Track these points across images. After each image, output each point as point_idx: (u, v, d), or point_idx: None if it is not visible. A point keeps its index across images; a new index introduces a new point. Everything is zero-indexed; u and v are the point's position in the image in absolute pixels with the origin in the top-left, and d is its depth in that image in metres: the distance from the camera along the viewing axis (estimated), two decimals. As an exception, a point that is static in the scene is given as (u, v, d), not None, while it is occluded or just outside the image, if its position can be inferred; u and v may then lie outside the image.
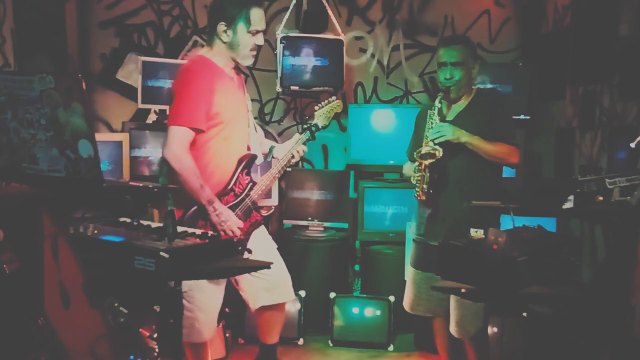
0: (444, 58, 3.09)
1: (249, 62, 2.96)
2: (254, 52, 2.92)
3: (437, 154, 2.97)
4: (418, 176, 3.04)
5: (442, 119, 3.11)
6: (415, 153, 3.07)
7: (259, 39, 2.89)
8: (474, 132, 3.03)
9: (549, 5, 4.62)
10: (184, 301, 2.79)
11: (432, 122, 3.08)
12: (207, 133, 2.81)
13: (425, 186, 3.02)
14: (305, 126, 3.20)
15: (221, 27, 2.84)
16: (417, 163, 3.05)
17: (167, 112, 2.95)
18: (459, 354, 3.23)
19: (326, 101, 3.25)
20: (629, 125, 3.47)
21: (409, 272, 3.29)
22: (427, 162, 3.00)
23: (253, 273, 2.96)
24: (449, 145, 3.01)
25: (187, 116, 2.75)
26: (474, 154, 3.02)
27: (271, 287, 3.03)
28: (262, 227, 3.08)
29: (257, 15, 2.85)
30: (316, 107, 3.23)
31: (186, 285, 2.61)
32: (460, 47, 3.10)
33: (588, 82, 3.96)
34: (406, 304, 3.32)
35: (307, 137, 3.15)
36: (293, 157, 3.10)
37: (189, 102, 2.76)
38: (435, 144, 2.99)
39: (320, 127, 3.20)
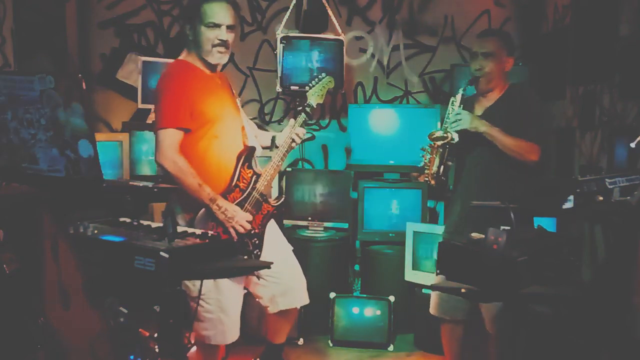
0: (476, 48, 3.12)
1: (216, 59, 2.88)
2: (221, 49, 2.86)
3: (449, 137, 2.98)
4: (428, 159, 3.05)
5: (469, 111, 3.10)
6: (428, 136, 3.07)
7: (222, 34, 2.84)
8: (500, 127, 3.00)
9: (549, 5, 4.62)
10: (204, 304, 2.79)
11: (452, 109, 3.08)
12: (195, 134, 2.81)
13: (435, 169, 3.02)
14: (299, 108, 3.15)
15: (186, 27, 2.89)
16: (430, 144, 3.05)
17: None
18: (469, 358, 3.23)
19: (316, 79, 3.21)
20: (629, 125, 3.47)
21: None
22: (438, 143, 3.01)
23: (269, 278, 2.97)
24: (468, 137, 3.01)
25: (171, 117, 2.75)
26: (496, 151, 2.99)
27: (287, 291, 3.04)
28: (277, 228, 3.08)
29: (212, 9, 2.82)
30: (307, 88, 3.19)
31: (204, 288, 2.61)
32: (494, 38, 3.12)
33: (588, 82, 3.96)
34: (432, 306, 3.27)
35: (304, 119, 3.09)
36: (293, 141, 3.07)
37: (171, 104, 2.77)
38: (451, 130, 3.00)
39: (314, 106, 3.14)
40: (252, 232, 2.87)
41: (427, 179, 3.07)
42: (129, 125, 4.43)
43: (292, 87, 4.44)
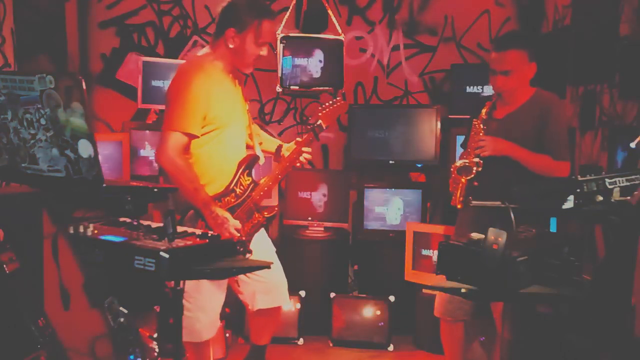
0: (495, 65, 2.96)
1: (250, 70, 2.95)
2: (256, 62, 2.91)
3: (474, 169, 2.92)
4: (454, 188, 2.97)
5: (490, 119, 3.03)
6: (452, 167, 3.01)
7: (264, 51, 2.88)
8: (521, 136, 2.95)
9: (549, 5, 4.62)
10: (184, 301, 2.79)
11: (474, 132, 3.01)
12: (202, 138, 2.80)
13: (461, 198, 2.95)
14: (308, 126, 3.15)
15: (230, 32, 2.82)
16: (453, 175, 2.97)
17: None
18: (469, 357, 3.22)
19: (331, 102, 3.20)
20: (629, 125, 3.47)
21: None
22: (463, 179, 2.93)
23: (251, 276, 2.96)
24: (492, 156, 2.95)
25: (182, 121, 2.73)
26: (520, 165, 2.95)
27: (268, 290, 3.03)
28: (262, 229, 3.08)
29: (267, 28, 2.84)
30: (320, 108, 3.21)
31: (185, 285, 2.62)
32: (512, 52, 2.94)
33: (588, 82, 3.96)
34: (436, 307, 3.23)
35: (311, 139, 3.12)
36: (298, 159, 3.08)
37: (185, 107, 2.73)
38: (476, 157, 2.94)
39: (324, 128, 3.16)
40: (239, 239, 2.86)
41: (454, 204, 2.98)
42: (129, 125, 4.43)
43: (292, 87, 4.44)
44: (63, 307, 2.20)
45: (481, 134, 3.02)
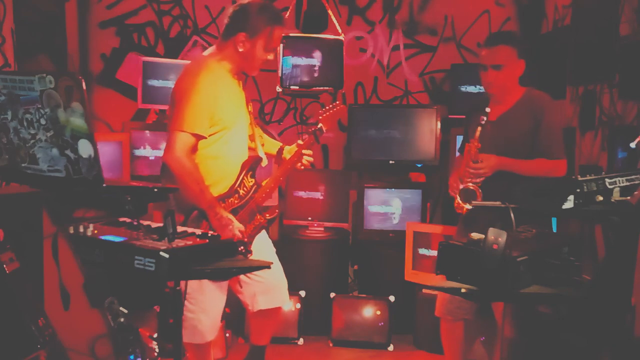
0: (485, 60, 3.00)
1: (255, 73, 2.98)
2: (262, 66, 2.94)
3: (478, 194, 2.91)
4: (460, 210, 2.98)
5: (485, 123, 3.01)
6: (453, 193, 3.00)
7: (272, 55, 2.91)
8: (515, 135, 2.97)
9: (549, 5, 4.62)
10: (186, 302, 2.79)
11: (471, 157, 2.98)
12: (208, 138, 2.80)
13: (466, 207, 2.96)
14: (310, 130, 3.19)
15: (241, 36, 2.82)
16: (458, 203, 2.97)
17: (168, 113, 2.94)
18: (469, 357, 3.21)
19: (330, 105, 3.24)
20: (629, 125, 3.47)
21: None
22: (467, 207, 2.93)
23: (251, 276, 2.96)
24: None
25: (190, 122, 2.72)
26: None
27: (268, 290, 3.03)
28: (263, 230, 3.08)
29: (278, 35, 2.86)
30: (320, 112, 3.23)
31: (188, 287, 2.62)
32: (503, 47, 2.99)
33: (588, 82, 3.96)
34: (437, 307, 3.22)
35: (312, 142, 3.14)
36: (299, 161, 3.09)
37: (193, 108, 2.72)
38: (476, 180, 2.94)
39: (324, 131, 3.19)
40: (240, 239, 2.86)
41: (459, 210, 3.00)
42: (129, 125, 4.43)
43: (292, 87, 4.44)
44: (63, 307, 2.20)
45: (478, 160, 2.97)
